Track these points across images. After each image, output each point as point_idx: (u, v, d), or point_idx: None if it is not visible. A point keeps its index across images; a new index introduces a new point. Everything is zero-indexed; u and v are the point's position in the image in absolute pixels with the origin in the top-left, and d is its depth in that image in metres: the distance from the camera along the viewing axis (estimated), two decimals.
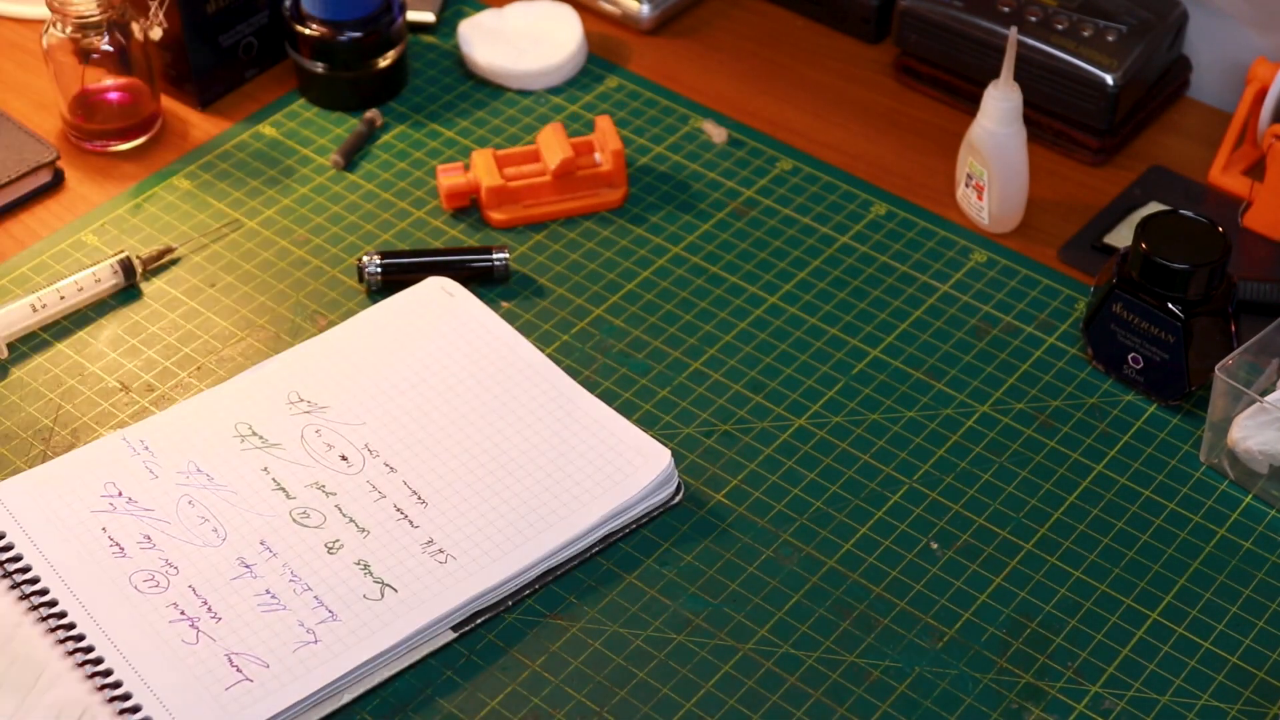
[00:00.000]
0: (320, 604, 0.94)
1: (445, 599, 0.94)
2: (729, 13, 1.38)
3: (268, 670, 0.91)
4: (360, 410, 1.04)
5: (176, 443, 1.02)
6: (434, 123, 1.27)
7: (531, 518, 0.98)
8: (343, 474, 1.01)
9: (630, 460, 1.01)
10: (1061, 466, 1.03)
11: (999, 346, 1.11)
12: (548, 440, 1.02)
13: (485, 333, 1.09)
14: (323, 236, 1.18)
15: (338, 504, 0.99)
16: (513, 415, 1.04)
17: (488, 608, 0.95)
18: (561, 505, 0.99)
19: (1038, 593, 0.96)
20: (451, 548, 0.97)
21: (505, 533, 0.97)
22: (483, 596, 0.95)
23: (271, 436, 1.03)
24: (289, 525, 0.98)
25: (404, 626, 0.93)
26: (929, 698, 0.91)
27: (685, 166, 1.24)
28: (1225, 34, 1.28)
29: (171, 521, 0.98)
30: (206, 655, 0.92)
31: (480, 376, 1.06)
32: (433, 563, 0.96)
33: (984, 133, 1.14)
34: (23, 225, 1.19)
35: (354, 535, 0.98)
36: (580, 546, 0.98)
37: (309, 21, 1.25)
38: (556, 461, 1.01)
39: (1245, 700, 0.91)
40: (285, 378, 1.06)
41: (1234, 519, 1.00)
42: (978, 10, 1.25)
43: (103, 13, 1.19)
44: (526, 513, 0.98)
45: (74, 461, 1.01)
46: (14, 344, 1.10)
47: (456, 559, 0.96)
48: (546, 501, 0.99)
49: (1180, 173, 1.23)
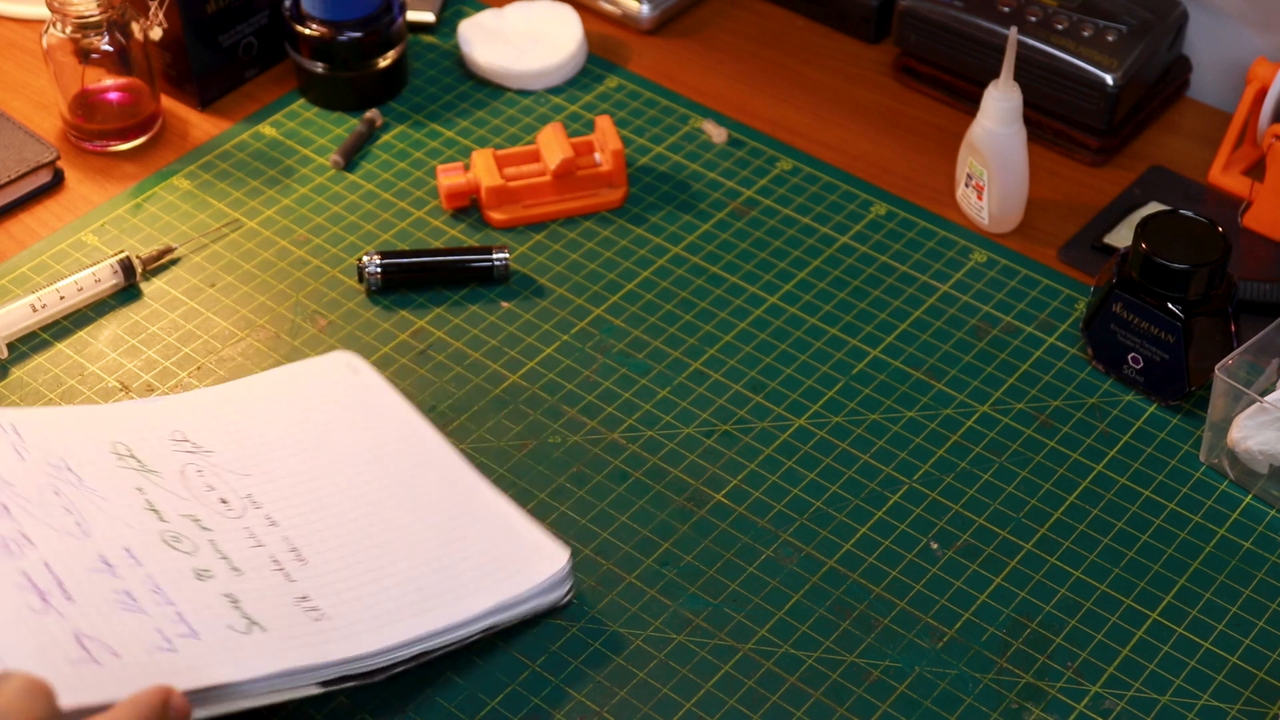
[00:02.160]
0: (182, 620, 0.88)
1: (316, 652, 0.88)
2: (729, 13, 1.39)
3: (118, 660, 0.84)
4: (247, 462, 0.99)
5: (49, 438, 0.97)
6: (434, 123, 1.27)
7: (415, 596, 0.92)
8: (221, 515, 0.95)
9: (526, 556, 0.95)
10: (1061, 466, 1.03)
11: (999, 346, 1.11)
12: (441, 523, 0.97)
13: (387, 411, 1.03)
14: (323, 236, 1.18)
15: (212, 539, 0.93)
16: (406, 494, 0.98)
17: (357, 675, 0.89)
18: (448, 589, 0.93)
19: (1038, 593, 0.96)
20: (328, 608, 0.91)
21: (385, 605, 0.92)
22: (354, 662, 0.89)
23: (150, 463, 0.97)
24: (158, 543, 0.92)
25: (270, 663, 0.86)
26: (929, 698, 0.91)
27: (685, 166, 1.24)
28: (1225, 34, 1.28)
29: (33, 501, 0.91)
30: (54, 626, 0.84)
31: (377, 452, 1.01)
32: (306, 617, 0.90)
33: (984, 133, 1.15)
34: (23, 225, 1.19)
35: (226, 571, 0.92)
36: (460, 634, 0.92)
37: (309, 21, 1.25)
38: (447, 545, 0.95)
39: (1245, 700, 0.91)
40: (170, 416, 1.01)
41: (1234, 519, 1.00)
42: (978, 10, 1.25)
43: (103, 13, 1.19)
44: (410, 590, 0.92)
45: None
46: (14, 344, 1.10)
47: (331, 619, 0.90)
48: (433, 583, 0.93)
49: (1180, 173, 1.23)
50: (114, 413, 1.01)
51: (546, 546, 0.96)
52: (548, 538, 0.96)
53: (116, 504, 0.94)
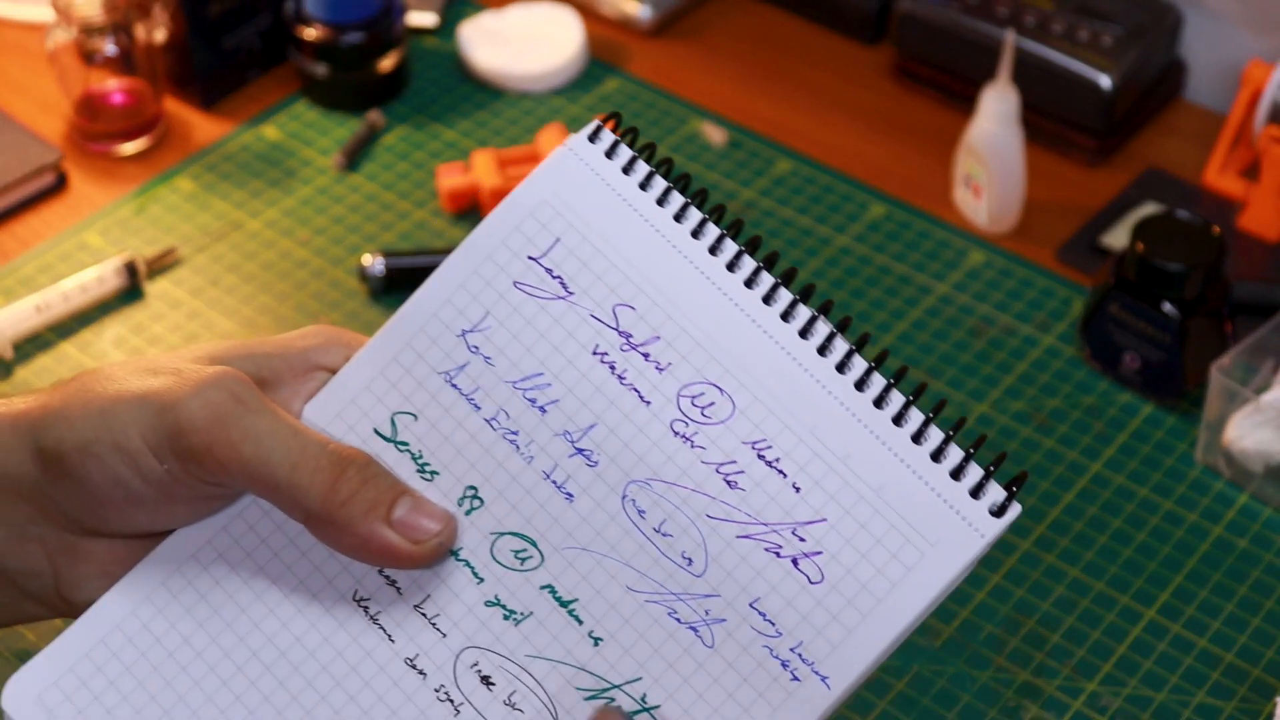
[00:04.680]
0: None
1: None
2: (729, 15, 1.39)
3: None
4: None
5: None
6: (435, 124, 1.28)
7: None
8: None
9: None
10: (1059, 465, 1.04)
11: (997, 346, 1.11)
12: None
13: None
14: (325, 237, 1.19)
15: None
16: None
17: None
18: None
19: (1035, 591, 0.97)
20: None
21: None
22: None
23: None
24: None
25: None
26: (927, 695, 0.92)
27: (685, 167, 1.24)
28: (1220, 36, 1.28)
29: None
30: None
31: None
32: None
33: (982, 134, 1.15)
34: (27, 226, 1.20)
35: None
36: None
37: (311, 24, 1.26)
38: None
39: (1241, 698, 0.92)
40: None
41: (1230, 518, 1.01)
42: (976, 13, 1.26)
43: (107, 16, 1.20)
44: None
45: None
46: (19, 345, 1.11)
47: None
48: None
49: (1176, 174, 1.24)
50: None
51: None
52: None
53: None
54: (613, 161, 0.71)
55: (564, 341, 0.70)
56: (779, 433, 0.67)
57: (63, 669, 0.70)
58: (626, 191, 0.71)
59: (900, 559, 0.65)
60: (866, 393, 0.67)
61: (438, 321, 0.71)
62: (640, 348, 0.69)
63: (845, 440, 0.67)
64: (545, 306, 0.71)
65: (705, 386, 0.69)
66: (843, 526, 0.66)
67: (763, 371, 0.68)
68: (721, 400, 0.68)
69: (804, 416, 0.67)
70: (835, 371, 0.67)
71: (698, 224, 0.70)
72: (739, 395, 0.68)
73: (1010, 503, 0.64)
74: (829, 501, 0.66)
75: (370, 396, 0.71)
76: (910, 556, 0.65)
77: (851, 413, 0.67)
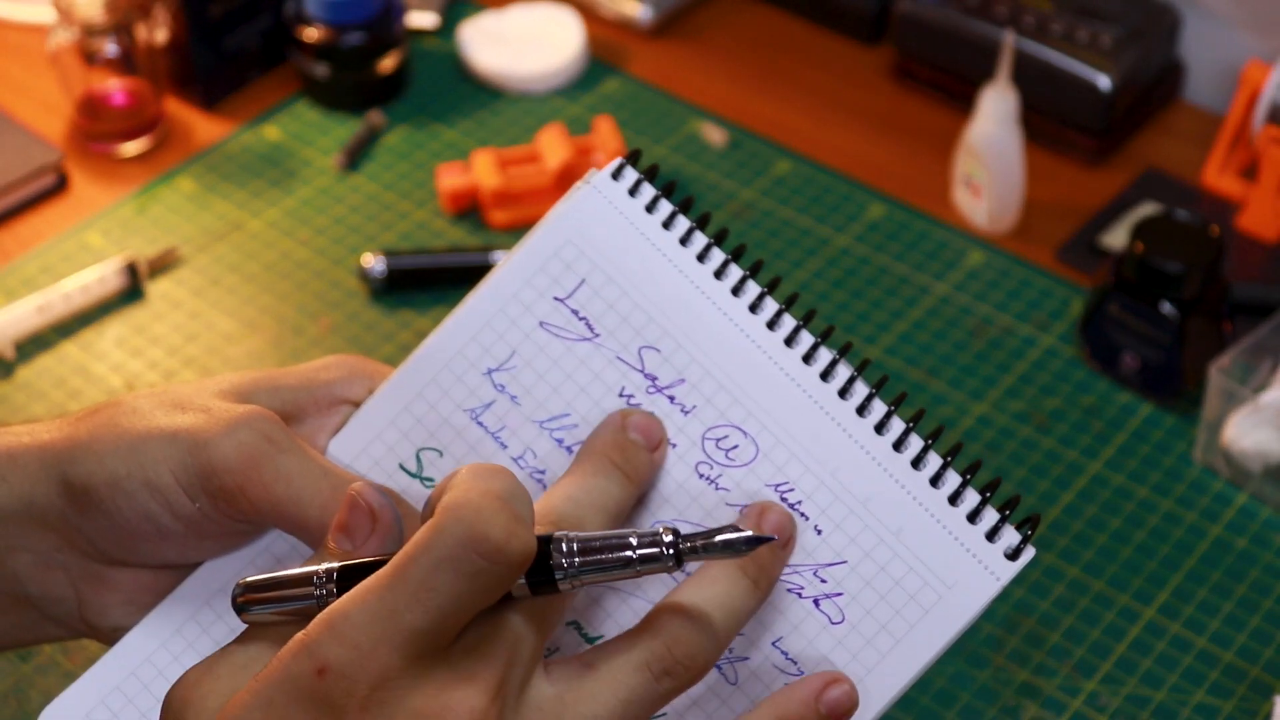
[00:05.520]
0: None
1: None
2: (728, 15, 1.39)
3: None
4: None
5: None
6: (435, 124, 1.28)
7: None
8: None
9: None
10: (1058, 465, 1.04)
11: (996, 346, 1.11)
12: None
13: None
14: (325, 237, 1.19)
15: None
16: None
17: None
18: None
19: (1035, 590, 0.97)
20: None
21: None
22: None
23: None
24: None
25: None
26: (926, 694, 0.92)
27: (685, 168, 1.24)
28: (1219, 37, 1.29)
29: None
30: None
31: None
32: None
33: (981, 134, 1.15)
34: (28, 227, 1.20)
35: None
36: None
37: (312, 24, 1.26)
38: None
39: (1240, 697, 0.92)
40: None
41: (1229, 518, 1.01)
42: (975, 13, 1.26)
43: (108, 16, 1.20)
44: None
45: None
46: (20, 345, 1.11)
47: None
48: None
49: (1175, 175, 1.24)
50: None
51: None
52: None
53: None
54: (636, 200, 0.71)
55: (591, 383, 0.71)
56: (801, 475, 0.68)
57: (94, 701, 0.70)
58: (650, 231, 0.71)
59: (918, 601, 0.66)
60: (886, 436, 0.68)
61: (463, 359, 0.71)
62: (666, 390, 0.70)
63: (866, 484, 0.67)
64: (571, 348, 0.71)
65: (729, 429, 0.69)
66: (863, 568, 0.67)
67: (786, 415, 0.69)
68: (745, 443, 0.69)
69: (826, 460, 0.68)
70: (856, 415, 0.68)
71: (720, 264, 0.71)
72: (762, 438, 0.69)
73: (1025, 546, 0.65)
74: (850, 544, 0.67)
75: (395, 432, 0.71)
76: (928, 599, 0.66)
77: (872, 456, 0.68)
